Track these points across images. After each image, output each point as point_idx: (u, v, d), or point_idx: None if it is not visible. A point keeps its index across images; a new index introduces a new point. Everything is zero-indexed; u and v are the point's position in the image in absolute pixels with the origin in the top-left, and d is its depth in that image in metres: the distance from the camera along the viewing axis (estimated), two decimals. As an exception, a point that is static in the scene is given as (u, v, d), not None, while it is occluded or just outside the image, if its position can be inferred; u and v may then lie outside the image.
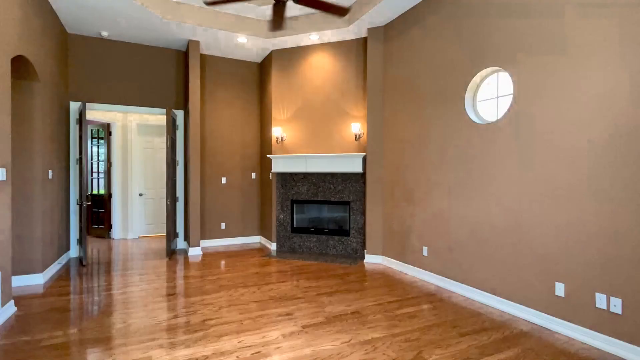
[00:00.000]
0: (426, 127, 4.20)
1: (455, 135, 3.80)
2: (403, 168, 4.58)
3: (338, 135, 5.49)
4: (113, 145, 6.92)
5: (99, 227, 7.06)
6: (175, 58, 5.96)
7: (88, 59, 5.42)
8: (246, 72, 6.49)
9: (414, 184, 4.40)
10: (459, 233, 3.76)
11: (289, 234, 5.86)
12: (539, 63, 2.98)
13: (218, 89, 6.26)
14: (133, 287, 3.91)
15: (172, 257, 5.41)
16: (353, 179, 5.42)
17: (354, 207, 5.42)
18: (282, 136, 5.81)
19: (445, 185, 3.93)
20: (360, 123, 5.31)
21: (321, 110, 5.60)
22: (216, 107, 6.26)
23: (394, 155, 4.74)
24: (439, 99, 4.02)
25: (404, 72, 4.56)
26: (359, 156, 5.17)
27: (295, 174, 5.79)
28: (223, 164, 6.33)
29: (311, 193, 5.69)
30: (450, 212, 3.86)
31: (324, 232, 5.65)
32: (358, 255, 5.42)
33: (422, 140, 4.26)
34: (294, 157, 5.57)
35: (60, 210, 4.86)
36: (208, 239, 6.22)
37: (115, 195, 6.91)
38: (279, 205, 5.91)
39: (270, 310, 3.24)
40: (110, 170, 6.97)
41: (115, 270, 4.60)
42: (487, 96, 3.69)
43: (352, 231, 5.45)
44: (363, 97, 5.32)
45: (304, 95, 5.72)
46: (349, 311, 3.23)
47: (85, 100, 5.40)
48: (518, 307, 3.14)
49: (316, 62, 5.61)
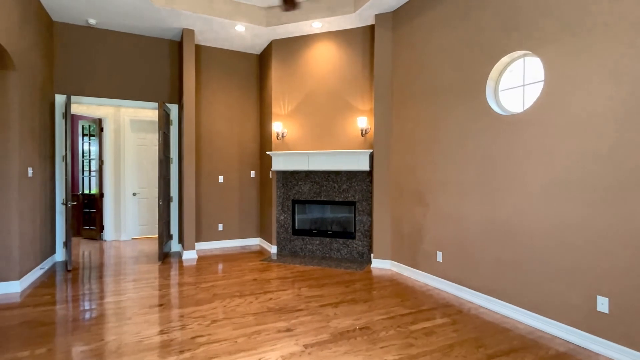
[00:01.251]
0: (441, 120, 3.82)
1: (475, 128, 3.42)
2: (414, 165, 4.20)
3: (343, 130, 5.11)
4: (105, 142, 6.57)
5: (90, 228, 6.71)
6: (168, 49, 5.60)
7: (75, 49, 5.06)
8: (245, 65, 6.12)
9: (426, 182, 4.02)
10: (478, 237, 3.38)
11: (290, 236, 5.49)
12: (577, 46, 2.60)
13: (215, 83, 5.90)
14: (119, 296, 3.55)
15: (165, 261, 5.05)
16: (359, 177, 5.04)
17: (359, 208, 5.05)
18: (283, 132, 5.44)
19: (462, 183, 3.55)
20: (367, 117, 4.94)
21: (325, 104, 5.23)
22: (213, 102, 5.89)
23: (404, 151, 4.37)
24: (455, 89, 3.64)
25: (415, 61, 4.18)
26: (365, 153, 4.80)
27: (297, 172, 5.42)
28: (220, 162, 5.97)
29: (314, 192, 5.33)
30: (469, 214, 3.48)
31: (327, 235, 5.28)
32: (364, 259, 5.05)
33: (436, 135, 3.88)
34: (296, 154, 5.20)
35: (43, 211, 4.50)
36: (204, 241, 5.86)
37: (108, 194, 6.56)
38: (279, 205, 5.54)
39: (268, 325, 2.88)
40: (102, 168, 6.62)
41: (102, 276, 4.25)
42: (509, 85, 3.31)
43: (358, 233, 5.08)
44: (370, 89, 4.94)
45: (306, 88, 5.35)
46: (358, 326, 2.86)
47: (72, 93, 5.04)
48: (550, 323, 2.76)
49: (319, 52, 5.24)
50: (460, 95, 3.58)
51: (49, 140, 4.74)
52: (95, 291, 3.70)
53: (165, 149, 5.26)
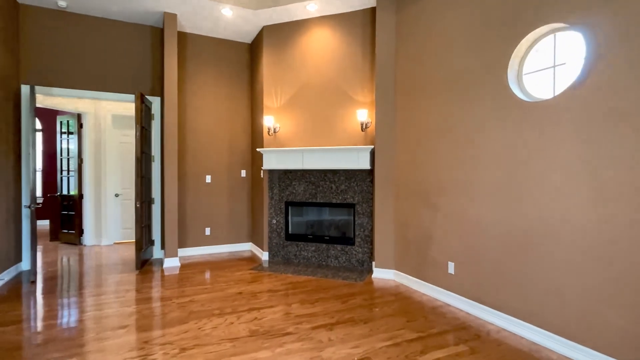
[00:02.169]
0: (453, 110, 3.31)
1: (494, 118, 2.91)
2: (421, 162, 3.70)
3: (341, 125, 4.61)
4: (85, 138, 6.07)
5: (69, 232, 6.21)
6: (150, 36, 5.10)
7: (43, 35, 4.57)
8: (235, 55, 5.62)
9: (435, 181, 3.51)
10: (499, 245, 2.87)
11: (284, 242, 4.99)
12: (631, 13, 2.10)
13: (202, 74, 5.40)
14: (80, 315, 3.05)
15: (143, 269, 4.56)
16: (359, 176, 4.54)
17: (359, 211, 4.54)
18: (275, 127, 4.94)
19: (479, 182, 3.04)
20: (368, 110, 4.43)
21: (321, 96, 4.73)
22: (200, 95, 5.39)
23: (410, 147, 3.86)
24: (470, 74, 3.13)
25: (423, 44, 3.67)
26: (365, 149, 4.30)
27: (291, 172, 4.92)
28: (207, 160, 5.47)
29: (309, 194, 4.82)
30: (488, 218, 2.97)
31: (324, 240, 4.78)
32: (364, 267, 4.54)
33: (448, 127, 3.37)
34: (289, 150, 4.70)
35: (6, 215, 4.01)
36: (190, 247, 5.36)
37: (87, 196, 6.06)
38: (271, 208, 5.04)
39: (248, 356, 2.37)
40: (82, 167, 6.13)
41: (68, 289, 3.75)
42: (534, 68, 2.80)
43: (358, 239, 4.57)
44: (371, 78, 4.44)
45: (300, 78, 4.84)
46: (356, 358, 2.36)
47: (40, 84, 4.55)
48: (595, 355, 2.26)
49: (315, 39, 4.74)
50: (477, 81, 3.07)
51: (12, 136, 4.25)
52: (53, 308, 3.21)
53: (145, 145, 4.76)
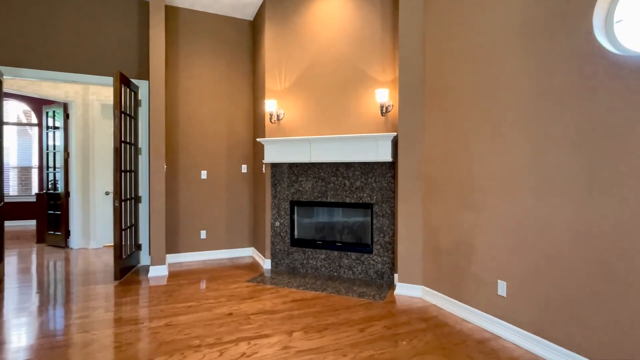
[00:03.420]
0: (506, 78, 2.52)
1: (569, 83, 2.11)
2: (460, 149, 2.91)
3: (356, 108, 3.86)
4: (71, 130, 5.49)
5: (55, 233, 5.65)
6: (137, 11, 4.45)
7: (9, 5, 3.97)
8: (235, 34, 4.93)
9: (479, 173, 2.73)
10: (576, 260, 2.07)
11: (288, 248, 4.26)
12: None
13: (197, 55, 4.73)
14: (25, 342, 2.39)
15: (125, 279, 3.90)
16: (378, 171, 3.78)
17: (378, 212, 3.78)
18: (279, 113, 4.22)
19: (545, 173, 2.25)
20: (389, 89, 3.67)
21: (332, 76, 3.98)
22: (195, 79, 4.72)
23: (444, 130, 3.08)
24: (531, 27, 2.33)
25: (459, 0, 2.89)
26: (386, 137, 3.53)
27: (297, 165, 4.19)
28: (203, 153, 4.79)
29: (318, 191, 4.09)
30: (558, 222, 2.17)
31: (336, 247, 4.03)
32: (385, 281, 3.77)
33: (499, 101, 2.58)
34: (294, 140, 3.97)
35: (-41, 215, 3.42)
36: (183, 252, 4.69)
37: (74, 193, 5.48)
38: (274, 208, 4.32)
39: (223, 421, 1.65)
40: (68, 162, 5.55)
41: (28, 303, 3.11)
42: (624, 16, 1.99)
43: (376, 246, 3.81)
44: (393, 51, 3.67)
45: (308, 56, 4.11)
46: None
47: (4, 64, 3.94)
48: None
49: (326, 9, 3.99)
50: (541, 33, 2.27)
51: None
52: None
53: (129, 135, 4.12)
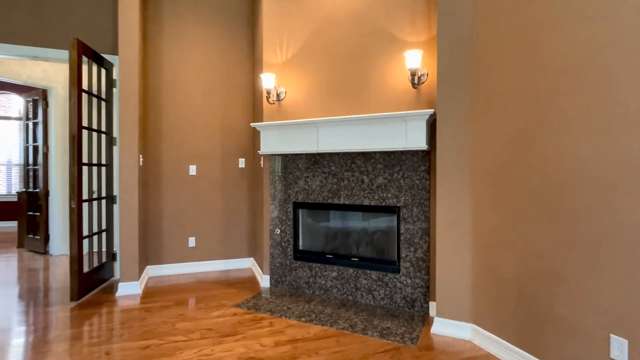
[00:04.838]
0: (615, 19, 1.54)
1: None
2: (534, 129, 1.93)
3: (378, 80, 2.93)
4: (50, 121, 4.83)
5: (34, 237, 5.00)
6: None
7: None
8: (232, 3, 4.10)
9: (567, 166, 1.74)
10: None
11: (291, 262, 3.38)
12: None
13: (187, 27, 3.93)
14: None
15: (87, 299, 3.13)
16: (407, 163, 2.84)
17: (407, 218, 2.84)
18: (279, 91, 3.34)
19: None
20: (423, 52, 2.72)
21: (347, 39, 3.07)
22: (183, 56, 3.92)
23: (508, 106, 2.11)
24: None
25: None
26: (420, 116, 2.58)
27: (301, 157, 3.31)
28: (192, 143, 3.99)
29: (328, 191, 3.18)
30: None
31: (351, 263, 3.11)
32: (416, 310, 2.82)
33: (601, 54, 1.60)
34: (297, 124, 3.09)
35: None
36: (167, 263, 3.90)
37: (54, 193, 4.81)
38: (273, 211, 3.45)
39: None
40: (48, 157, 4.89)
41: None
42: None
43: (405, 263, 2.86)
44: (427, 3, 2.73)
45: (316, 18, 3.22)
46: None
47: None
48: None
49: (337, -47, 3.09)
50: None
51: None
52: None
53: (101, 121, 3.36)
